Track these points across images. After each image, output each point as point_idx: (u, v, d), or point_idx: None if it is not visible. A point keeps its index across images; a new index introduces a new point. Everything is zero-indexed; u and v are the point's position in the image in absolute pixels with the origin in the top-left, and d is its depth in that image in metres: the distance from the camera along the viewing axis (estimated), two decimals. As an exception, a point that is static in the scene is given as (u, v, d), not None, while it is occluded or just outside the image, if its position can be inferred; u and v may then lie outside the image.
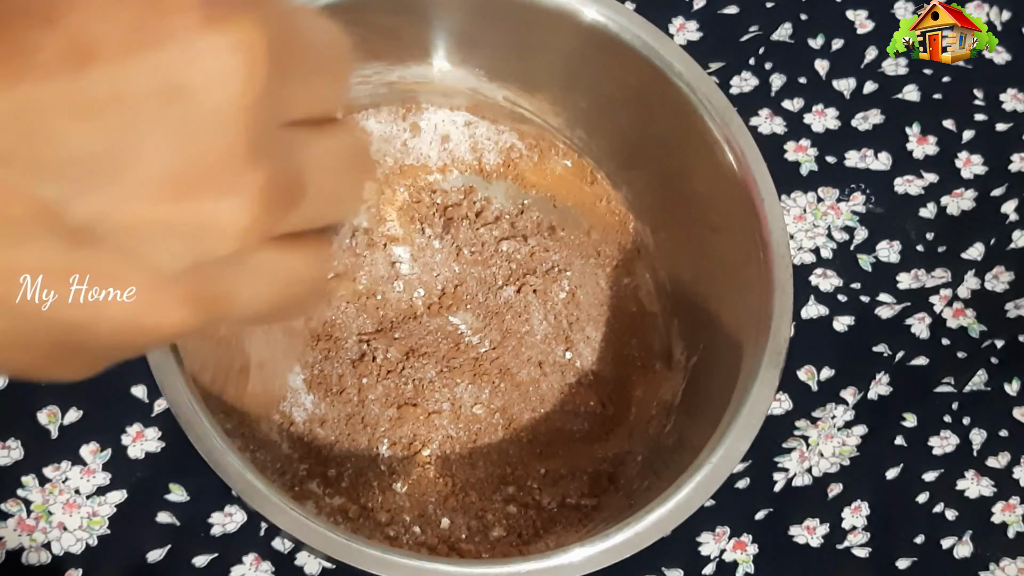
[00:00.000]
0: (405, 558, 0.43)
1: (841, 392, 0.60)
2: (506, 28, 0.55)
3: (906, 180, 0.64)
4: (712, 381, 0.52)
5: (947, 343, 0.61)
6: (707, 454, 0.46)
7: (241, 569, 0.53)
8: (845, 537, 0.58)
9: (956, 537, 0.59)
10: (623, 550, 0.45)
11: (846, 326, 0.61)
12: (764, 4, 0.67)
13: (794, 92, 0.65)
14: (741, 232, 0.52)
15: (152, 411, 0.54)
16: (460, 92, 0.58)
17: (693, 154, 0.54)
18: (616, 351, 0.57)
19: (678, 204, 0.57)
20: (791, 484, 0.58)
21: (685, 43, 0.65)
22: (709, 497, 0.46)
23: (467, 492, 0.53)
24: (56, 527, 0.52)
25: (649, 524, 0.46)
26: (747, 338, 0.50)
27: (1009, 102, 0.66)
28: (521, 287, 0.58)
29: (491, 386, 0.57)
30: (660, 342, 0.58)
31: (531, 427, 0.56)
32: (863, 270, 0.63)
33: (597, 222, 0.60)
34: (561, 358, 0.57)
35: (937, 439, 0.60)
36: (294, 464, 0.52)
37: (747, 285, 0.51)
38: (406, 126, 0.59)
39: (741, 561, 0.57)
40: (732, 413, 0.48)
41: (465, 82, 0.58)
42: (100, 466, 0.53)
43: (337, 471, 0.53)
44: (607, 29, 0.53)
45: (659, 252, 0.59)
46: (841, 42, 0.67)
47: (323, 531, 0.43)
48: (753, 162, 0.52)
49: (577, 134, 0.60)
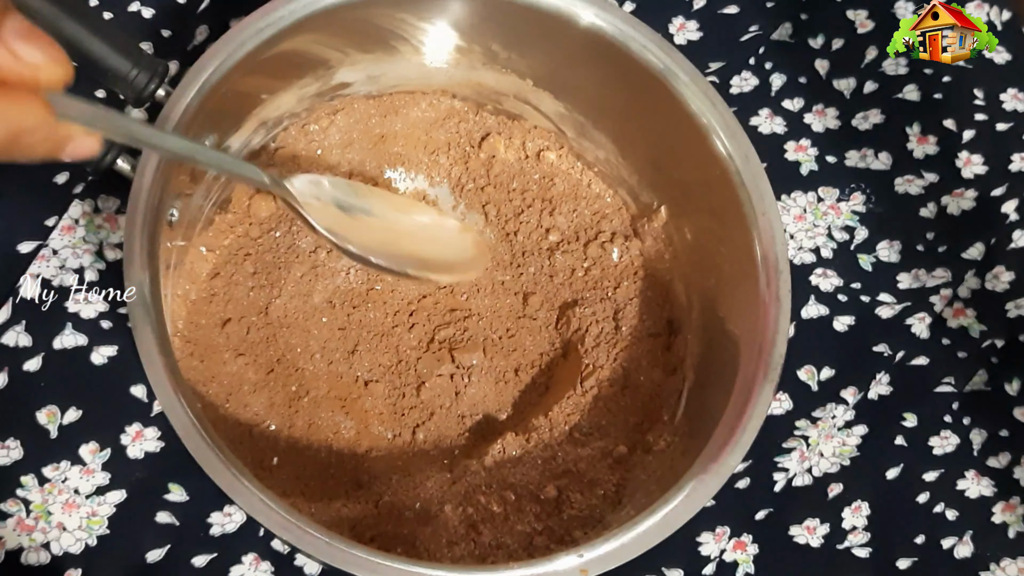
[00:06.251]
0: (401, 563, 0.43)
1: (841, 392, 0.60)
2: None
3: (906, 180, 0.64)
4: (712, 391, 0.53)
5: (947, 343, 0.61)
6: (699, 467, 0.47)
7: (240, 569, 0.53)
8: (845, 537, 0.58)
9: (956, 537, 0.59)
10: (625, 552, 0.45)
11: (846, 326, 0.61)
12: (764, 4, 0.67)
13: (794, 92, 0.65)
14: (741, 246, 0.52)
15: (151, 411, 0.54)
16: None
17: (697, 166, 0.54)
18: (627, 362, 0.58)
19: (680, 218, 0.57)
20: (791, 484, 0.58)
21: (685, 43, 0.65)
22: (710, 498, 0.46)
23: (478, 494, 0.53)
24: (55, 527, 0.52)
25: (650, 526, 0.46)
26: (745, 351, 0.50)
27: (1009, 102, 0.66)
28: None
29: (503, 384, 0.57)
30: (665, 355, 0.58)
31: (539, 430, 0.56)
32: (863, 270, 0.63)
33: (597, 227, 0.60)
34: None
35: (937, 439, 0.60)
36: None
37: (746, 298, 0.51)
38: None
39: (741, 561, 0.56)
40: (730, 423, 0.48)
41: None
42: (99, 466, 0.53)
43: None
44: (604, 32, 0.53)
45: (663, 262, 0.59)
46: (841, 42, 0.67)
47: (317, 535, 0.43)
48: (754, 176, 0.52)
49: (584, 144, 0.60)
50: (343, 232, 0.45)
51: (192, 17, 0.61)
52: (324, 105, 0.57)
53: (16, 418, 0.53)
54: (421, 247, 0.49)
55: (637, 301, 0.59)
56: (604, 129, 0.59)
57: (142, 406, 0.54)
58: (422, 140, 0.60)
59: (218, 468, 0.43)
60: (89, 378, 0.54)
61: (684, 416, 0.54)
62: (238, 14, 0.60)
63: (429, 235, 0.50)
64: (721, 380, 0.51)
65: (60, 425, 0.53)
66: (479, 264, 0.52)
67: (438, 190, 0.61)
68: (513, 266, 0.60)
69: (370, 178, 0.59)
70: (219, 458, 0.43)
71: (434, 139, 0.60)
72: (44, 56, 0.31)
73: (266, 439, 0.54)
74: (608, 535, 0.45)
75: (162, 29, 0.60)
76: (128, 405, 0.54)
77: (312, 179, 0.46)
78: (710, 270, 0.55)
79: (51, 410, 0.53)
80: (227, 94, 0.50)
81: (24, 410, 0.53)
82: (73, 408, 0.53)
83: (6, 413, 0.53)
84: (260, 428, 0.54)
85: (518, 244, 0.60)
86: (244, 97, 0.53)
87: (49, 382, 0.53)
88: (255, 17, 0.50)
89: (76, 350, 0.54)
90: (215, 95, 0.49)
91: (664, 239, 0.58)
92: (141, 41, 0.59)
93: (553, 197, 0.60)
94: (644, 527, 0.46)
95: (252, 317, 0.55)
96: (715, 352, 0.54)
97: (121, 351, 0.55)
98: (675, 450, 0.53)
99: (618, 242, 0.59)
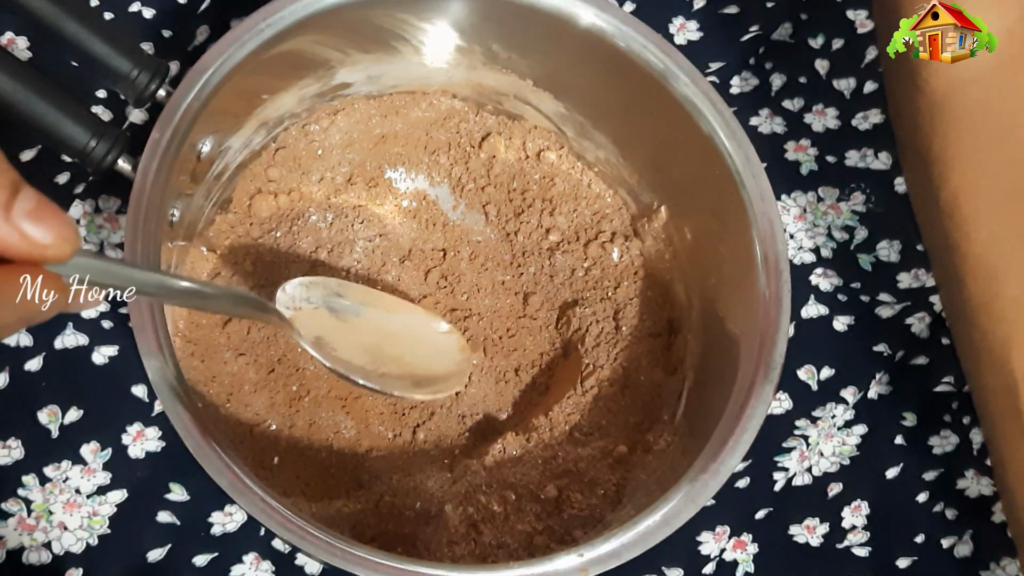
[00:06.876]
0: (401, 563, 0.43)
1: (841, 391, 0.60)
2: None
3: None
4: (712, 390, 0.53)
5: (947, 342, 0.61)
6: (699, 467, 0.47)
7: (241, 568, 0.53)
8: (845, 536, 0.58)
9: (956, 536, 0.59)
10: (625, 552, 0.45)
11: (846, 325, 0.61)
12: (764, 4, 0.67)
13: (794, 92, 0.65)
14: (741, 246, 0.52)
15: (152, 411, 0.54)
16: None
17: (697, 166, 0.55)
18: (627, 362, 0.58)
19: (680, 218, 0.57)
20: (791, 483, 0.58)
21: (685, 43, 0.65)
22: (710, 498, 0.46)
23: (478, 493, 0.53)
24: (56, 526, 0.52)
25: (651, 525, 0.46)
26: (745, 351, 0.50)
27: (1009, 102, 0.66)
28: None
29: (504, 385, 0.57)
30: (665, 355, 0.58)
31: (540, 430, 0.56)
32: (863, 269, 0.63)
33: (598, 227, 0.60)
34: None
35: (937, 438, 0.60)
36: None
37: (746, 298, 0.52)
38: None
39: (741, 560, 0.57)
40: (730, 423, 0.48)
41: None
42: (100, 465, 0.53)
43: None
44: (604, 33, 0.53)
45: (663, 262, 0.59)
46: (841, 42, 0.67)
47: (318, 535, 0.43)
48: (754, 176, 0.52)
49: (584, 144, 0.60)
50: (331, 340, 0.48)
51: (193, 17, 0.61)
52: (325, 105, 0.57)
53: (17, 418, 0.53)
54: (408, 350, 0.52)
55: (637, 301, 0.59)
56: (604, 129, 0.59)
57: (143, 406, 0.54)
58: (422, 140, 0.60)
59: (219, 468, 0.43)
60: (90, 378, 0.54)
61: (684, 416, 0.55)
62: (239, 14, 0.60)
63: (416, 336, 0.53)
64: (721, 380, 0.51)
65: (61, 425, 0.53)
66: (463, 370, 0.54)
67: (438, 190, 0.61)
68: (513, 266, 0.60)
69: (370, 178, 0.60)
70: (220, 458, 0.43)
71: (434, 139, 0.60)
72: (53, 236, 0.31)
73: (267, 439, 0.54)
74: (608, 534, 0.45)
75: (163, 29, 0.61)
76: (129, 405, 0.54)
77: (304, 282, 0.49)
78: (710, 270, 0.55)
79: (52, 410, 0.53)
80: (228, 94, 0.50)
81: (25, 410, 0.53)
82: (74, 408, 0.53)
83: (7, 413, 0.53)
84: (261, 428, 0.54)
85: (518, 244, 0.60)
86: (245, 97, 0.53)
87: (50, 382, 0.54)
88: (256, 17, 0.50)
89: (77, 350, 0.54)
90: (216, 95, 0.49)
91: (664, 239, 0.58)
92: (142, 41, 0.60)
93: (553, 197, 0.60)
94: (644, 526, 0.46)
95: (253, 317, 0.55)
96: (715, 352, 0.54)
97: (122, 351, 0.55)
98: (675, 450, 0.53)
99: (618, 242, 0.59)
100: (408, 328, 0.53)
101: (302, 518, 0.43)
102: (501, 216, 0.60)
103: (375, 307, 0.52)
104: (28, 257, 0.31)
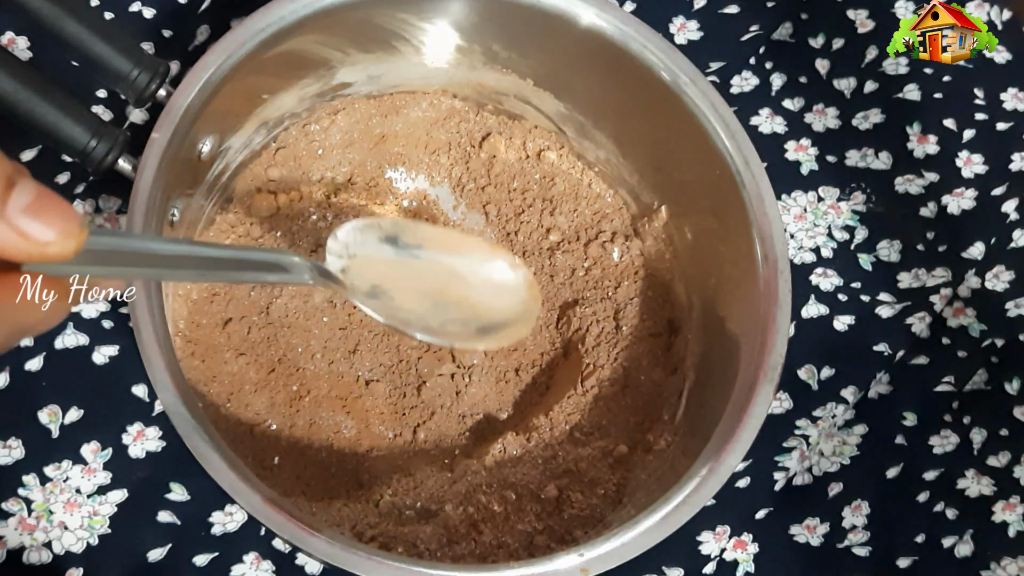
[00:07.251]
0: (401, 563, 0.43)
1: (841, 391, 0.60)
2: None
3: (907, 179, 0.64)
4: (712, 390, 0.53)
5: (947, 342, 0.61)
6: (700, 467, 0.47)
7: (242, 568, 0.53)
8: (845, 536, 0.58)
9: (956, 536, 0.59)
10: (625, 552, 0.45)
11: (846, 325, 0.61)
12: (764, 4, 0.67)
13: (794, 91, 0.65)
14: (741, 246, 0.52)
15: (153, 411, 0.54)
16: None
17: (697, 166, 0.55)
18: (627, 362, 0.58)
19: (681, 218, 0.57)
20: (791, 483, 0.58)
21: (685, 43, 0.65)
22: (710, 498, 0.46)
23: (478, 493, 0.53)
24: (57, 526, 0.52)
25: (651, 525, 0.46)
26: (745, 350, 0.50)
27: (1009, 101, 0.66)
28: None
29: (505, 388, 0.57)
30: (665, 355, 0.58)
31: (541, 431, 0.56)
32: (863, 269, 0.63)
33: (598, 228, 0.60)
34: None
35: (937, 438, 0.60)
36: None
37: (746, 298, 0.52)
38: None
39: (741, 560, 0.57)
40: (730, 423, 0.48)
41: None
42: (101, 465, 0.53)
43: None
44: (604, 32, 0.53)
45: (664, 262, 0.59)
46: (841, 41, 0.67)
47: (318, 535, 0.43)
48: (754, 176, 0.52)
49: (584, 144, 0.60)
50: (389, 288, 0.43)
51: (193, 17, 0.61)
52: (325, 105, 0.57)
53: (18, 417, 0.53)
54: (472, 292, 0.47)
55: (637, 301, 0.59)
56: (604, 129, 0.59)
57: (143, 406, 0.54)
58: (423, 140, 0.60)
59: (219, 467, 0.43)
60: (90, 378, 0.54)
61: (684, 416, 0.55)
62: (239, 14, 0.60)
63: (481, 276, 0.47)
64: (721, 380, 0.51)
65: (62, 424, 0.53)
66: (530, 313, 0.47)
67: (439, 190, 0.61)
68: (514, 266, 0.60)
69: (371, 178, 0.60)
70: (220, 458, 0.43)
71: (435, 139, 0.60)
72: (55, 232, 0.28)
73: (267, 439, 0.54)
74: (609, 534, 0.45)
75: (163, 29, 0.61)
76: (129, 405, 0.54)
77: (359, 226, 0.43)
78: (710, 270, 0.55)
79: (52, 409, 0.53)
80: (228, 94, 0.50)
81: (26, 409, 0.53)
82: (74, 407, 0.53)
83: (8, 412, 0.53)
84: (261, 428, 0.54)
85: (519, 244, 0.60)
86: (245, 97, 0.53)
87: (50, 381, 0.54)
88: (256, 17, 0.50)
89: (77, 350, 0.54)
90: (216, 95, 0.49)
91: (664, 239, 0.58)
92: (142, 41, 0.60)
93: (553, 197, 0.60)
94: (644, 526, 0.46)
95: (253, 317, 0.55)
96: (715, 352, 0.54)
97: (122, 351, 0.55)
98: (675, 449, 0.53)
99: (618, 242, 0.59)
100: (471, 267, 0.47)
101: (302, 518, 0.43)
102: (501, 216, 0.60)
103: (435, 247, 0.46)
104: (28, 258, 0.28)
